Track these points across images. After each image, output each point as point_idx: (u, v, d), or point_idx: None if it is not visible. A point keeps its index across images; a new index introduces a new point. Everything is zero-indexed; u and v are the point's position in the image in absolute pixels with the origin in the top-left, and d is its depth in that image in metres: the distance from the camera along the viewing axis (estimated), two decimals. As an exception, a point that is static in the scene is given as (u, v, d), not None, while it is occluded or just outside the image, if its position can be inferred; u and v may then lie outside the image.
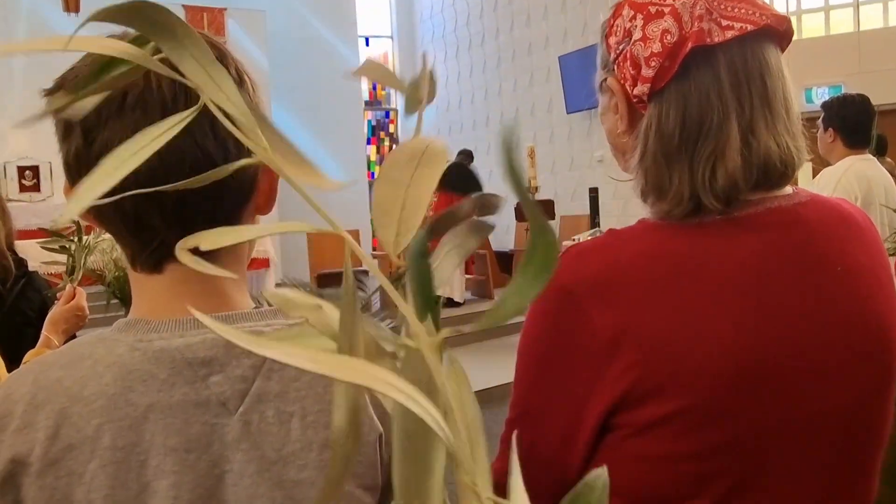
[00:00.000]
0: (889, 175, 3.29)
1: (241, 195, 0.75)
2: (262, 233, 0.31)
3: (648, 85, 0.80)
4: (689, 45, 0.77)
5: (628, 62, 0.82)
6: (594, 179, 9.47)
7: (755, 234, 0.79)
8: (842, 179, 3.06)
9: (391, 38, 13.41)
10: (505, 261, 10.43)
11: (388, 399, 0.25)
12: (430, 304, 0.31)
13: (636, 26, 0.81)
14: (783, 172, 0.81)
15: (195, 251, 0.80)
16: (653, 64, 0.79)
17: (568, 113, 9.97)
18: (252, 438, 0.71)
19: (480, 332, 7.62)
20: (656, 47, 0.79)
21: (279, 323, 0.77)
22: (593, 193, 9.24)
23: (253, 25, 9.98)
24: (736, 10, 0.79)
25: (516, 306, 0.29)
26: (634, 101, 0.83)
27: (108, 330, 0.75)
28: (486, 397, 5.86)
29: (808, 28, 8.84)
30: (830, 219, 0.84)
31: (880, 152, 5.15)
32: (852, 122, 3.19)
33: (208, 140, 0.69)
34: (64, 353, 0.74)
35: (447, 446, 0.25)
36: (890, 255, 2.78)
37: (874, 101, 3.31)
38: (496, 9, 11.53)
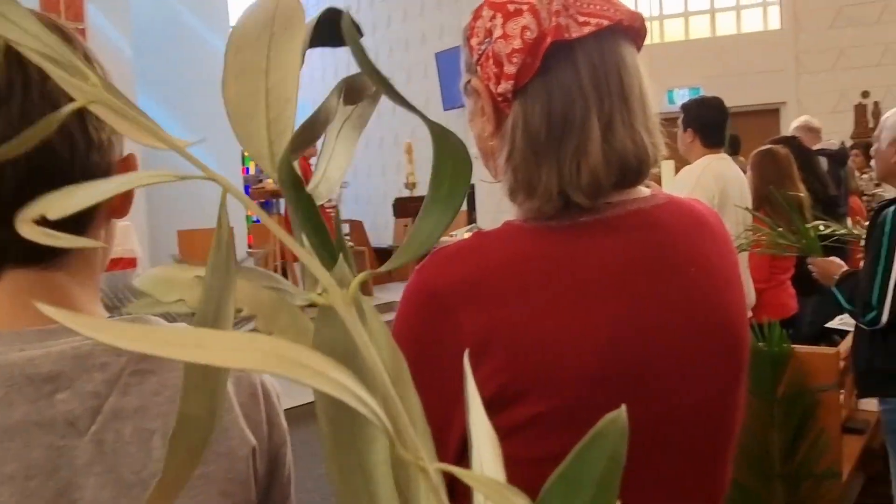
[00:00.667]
0: (742, 174, 3.51)
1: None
2: (123, 186, 0.25)
3: (512, 82, 0.80)
4: (549, 39, 0.78)
5: (490, 61, 0.82)
6: (473, 175, 9.58)
7: (617, 237, 0.81)
8: (700, 178, 3.23)
9: (265, 29, 13.08)
10: (384, 257, 10.41)
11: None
12: (327, 244, 0.26)
13: (496, 25, 0.81)
14: (638, 170, 0.82)
15: (36, 255, 0.73)
16: (514, 60, 0.79)
17: (445, 109, 10.06)
18: (106, 460, 0.65)
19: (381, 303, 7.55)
20: (517, 44, 0.79)
21: None
22: (470, 190, 9.38)
23: (115, 12, 9.45)
24: (591, 6, 0.80)
25: (432, 233, 0.25)
26: (499, 100, 0.82)
27: None
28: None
29: (670, 33, 9.31)
30: (686, 220, 0.86)
31: (735, 152, 5.50)
32: (709, 123, 3.37)
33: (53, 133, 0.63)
34: None
35: (382, 428, 0.21)
36: (742, 251, 2.98)
37: (729, 104, 3.51)
38: (373, 5, 11.47)
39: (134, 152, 0.75)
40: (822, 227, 2.82)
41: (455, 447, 0.78)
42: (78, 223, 0.69)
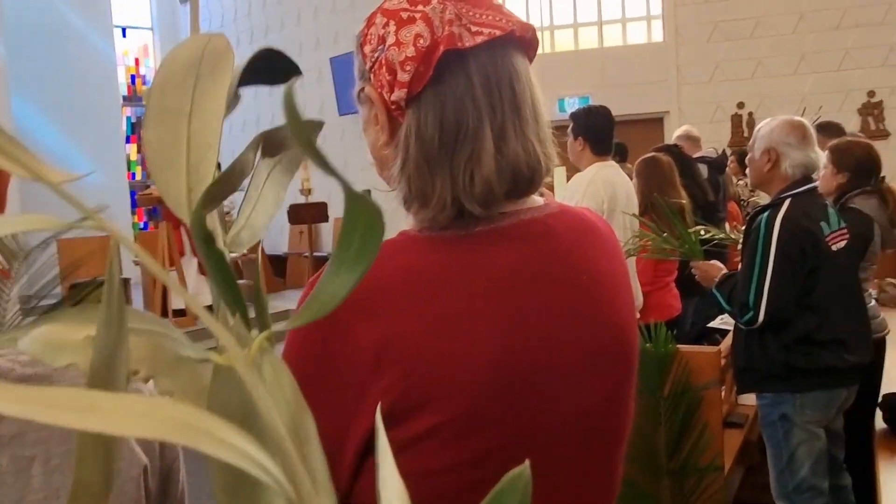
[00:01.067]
0: (629, 180, 3.65)
1: None
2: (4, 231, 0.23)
3: (405, 90, 0.80)
4: (442, 48, 0.78)
5: (384, 69, 0.81)
6: (368, 182, 9.46)
7: (510, 246, 0.82)
8: (590, 184, 3.33)
9: (151, 29, 12.60)
10: (278, 265, 10.21)
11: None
12: (238, 300, 0.25)
13: (389, 32, 0.81)
14: (531, 179, 0.83)
15: None
16: (408, 68, 0.79)
17: (340, 115, 9.97)
18: None
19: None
20: (410, 51, 0.79)
21: (11, 352, 0.66)
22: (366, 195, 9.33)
23: (-14, 7, 8.89)
24: (484, 16, 0.81)
25: (338, 292, 0.24)
26: (392, 108, 0.82)
27: None
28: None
29: (560, 43, 9.58)
30: (577, 229, 0.88)
31: (622, 159, 5.71)
32: (598, 132, 3.48)
33: None
34: None
35: (285, 496, 0.19)
36: (629, 256, 3.08)
37: (616, 112, 3.64)
38: (265, 7, 11.25)
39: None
40: (702, 233, 2.97)
41: (350, 462, 0.77)
42: None
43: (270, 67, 0.30)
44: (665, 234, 2.97)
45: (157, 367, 0.25)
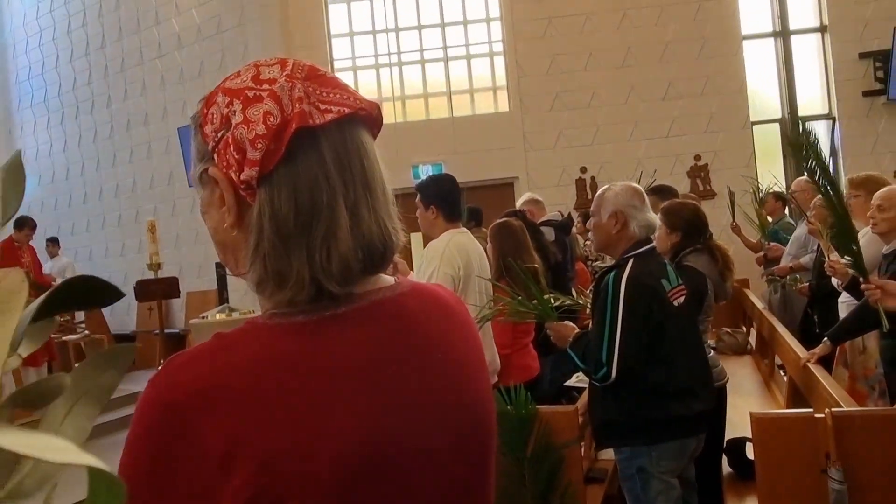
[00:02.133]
0: (481, 245, 3.73)
1: None
2: None
3: (257, 168, 0.77)
4: (294, 125, 0.77)
5: (231, 147, 0.79)
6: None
7: (362, 329, 0.80)
8: (445, 251, 3.38)
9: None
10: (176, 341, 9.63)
11: None
12: None
13: (234, 111, 0.79)
14: (383, 254, 0.83)
15: None
16: (259, 146, 0.77)
17: (190, 185, 9.68)
18: None
19: (106, 425, 6.84)
20: (260, 129, 0.77)
21: None
22: (221, 269, 9.02)
23: None
24: (332, 94, 0.81)
25: None
26: (242, 187, 0.79)
27: None
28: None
29: (411, 112, 9.82)
30: (430, 306, 0.89)
31: (478, 223, 5.86)
32: (447, 199, 3.55)
33: None
34: None
35: None
36: (486, 320, 3.12)
37: (468, 178, 3.76)
38: (107, 75, 10.85)
39: None
40: (552, 301, 3.06)
41: None
42: None
43: (91, 290, 0.28)
44: (520, 298, 3.05)
45: None
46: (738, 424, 3.68)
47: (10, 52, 12.02)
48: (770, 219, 6.93)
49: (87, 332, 8.63)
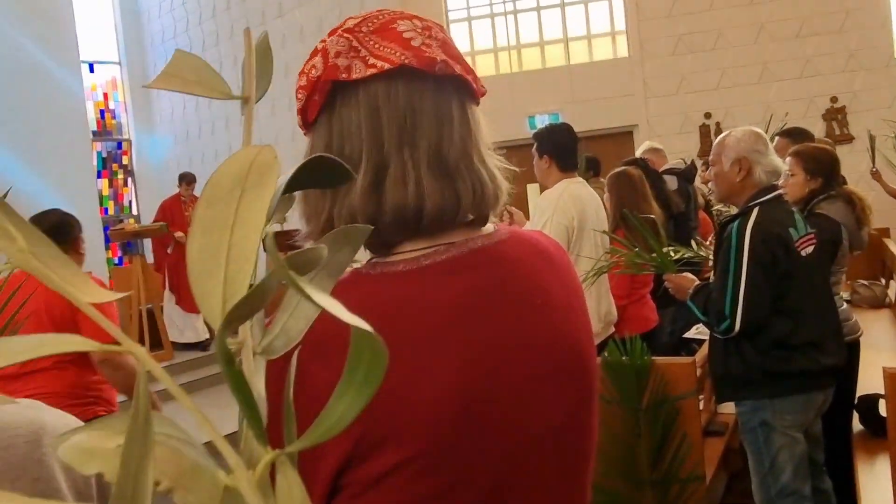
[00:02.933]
0: (597, 195, 3.67)
1: None
2: (37, 353, 0.23)
3: (300, 117, 0.86)
4: (323, 79, 0.82)
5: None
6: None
7: (462, 275, 0.82)
8: (559, 201, 3.35)
9: (119, 64, 12.56)
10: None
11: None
12: (256, 419, 0.26)
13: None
14: (417, 214, 0.81)
15: None
16: (300, 96, 0.85)
17: (306, 135, 9.97)
18: None
19: (197, 381, 7.29)
20: (303, 81, 0.84)
21: None
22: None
23: (-51, 48, 8.83)
24: (383, 49, 0.81)
25: (344, 416, 0.25)
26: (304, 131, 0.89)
27: None
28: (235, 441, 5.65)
29: (527, 61, 9.67)
30: (528, 252, 0.89)
31: (596, 173, 5.75)
32: (563, 148, 3.50)
33: None
34: None
35: None
36: (602, 273, 3.09)
37: (585, 127, 3.69)
38: (232, 37, 11.27)
39: None
40: (672, 253, 2.98)
41: (321, 495, 0.76)
42: None
43: (323, 169, 0.31)
44: (637, 249, 2.99)
45: (177, 477, 0.25)
46: (871, 380, 3.50)
47: (145, 18, 12.66)
48: (915, 163, 6.44)
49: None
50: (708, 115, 8.99)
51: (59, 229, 3.04)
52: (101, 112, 12.34)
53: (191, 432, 0.26)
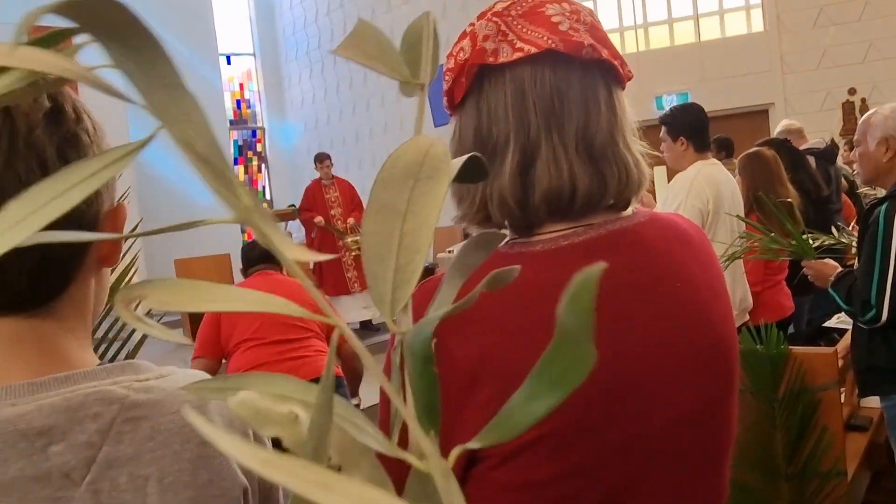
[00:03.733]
0: (733, 178, 3.52)
1: (78, 243, 0.67)
2: (231, 306, 0.24)
3: (447, 98, 0.88)
4: (470, 62, 0.83)
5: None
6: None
7: (601, 257, 0.81)
8: (693, 184, 3.24)
9: (253, 55, 13.14)
10: (426, 275, 10.37)
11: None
12: (435, 416, 0.26)
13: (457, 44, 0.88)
14: (571, 196, 0.82)
15: (22, 303, 0.73)
16: (447, 78, 0.86)
17: (435, 126, 10.09)
18: None
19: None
20: (451, 63, 0.86)
21: (127, 379, 0.70)
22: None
23: (104, 45, 9.49)
24: (532, 33, 0.82)
25: (533, 413, 0.24)
26: (451, 114, 0.90)
27: None
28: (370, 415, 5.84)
29: (655, 40, 9.37)
30: (668, 236, 0.88)
31: (729, 154, 5.52)
32: (697, 129, 3.39)
33: (34, 177, 0.63)
34: None
35: None
36: (735, 258, 2.97)
37: (716, 107, 3.55)
38: (447, 14, 11.55)
39: (124, 204, 0.75)
40: (811, 240, 2.83)
41: (458, 469, 0.79)
42: (64, 271, 0.69)
43: (471, 168, 0.33)
44: (773, 234, 2.86)
45: (345, 456, 0.26)
46: None
47: (277, 10, 13.17)
48: None
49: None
50: (852, 91, 8.41)
51: (271, 255, 3.38)
52: (238, 102, 12.97)
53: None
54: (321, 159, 8.11)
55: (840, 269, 2.71)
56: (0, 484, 0.62)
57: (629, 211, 0.88)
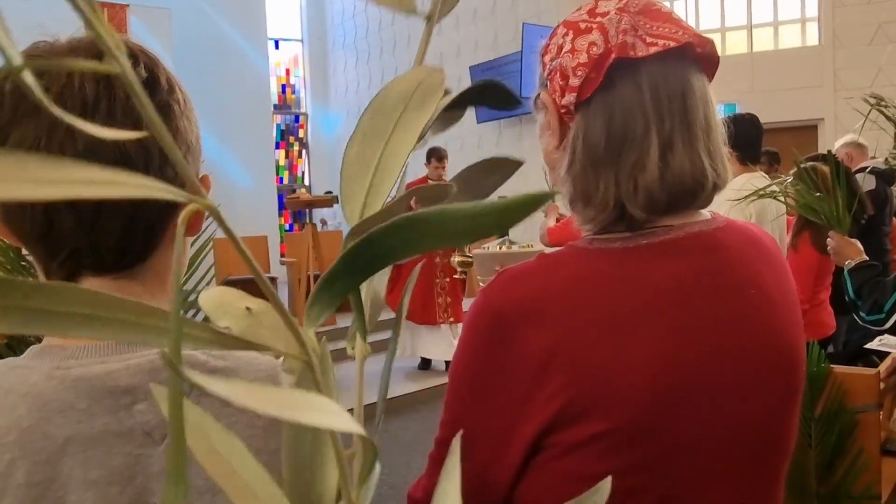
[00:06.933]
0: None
1: (166, 206, 0.70)
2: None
3: (575, 94, 0.83)
4: (613, 56, 0.81)
5: (558, 75, 0.85)
6: (503, 188, 9.57)
7: (677, 259, 0.81)
8: (738, 197, 3.20)
9: (301, 41, 13.25)
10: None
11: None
12: (360, 315, 0.29)
13: (566, 41, 0.85)
14: (693, 192, 0.83)
15: (111, 265, 0.76)
16: (579, 73, 0.82)
17: (478, 123, 10.09)
18: None
19: (377, 343, 7.55)
20: (583, 58, 0.82)
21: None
22: (502, 202, 9.36)
23: (157, 24, 9.66)
24: (660, 28, 0.82)
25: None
26: (563, 112, 0.85)
27: (19, 358, 0.70)
28: (392, 406, 5.86)
29: (706, 48, 9.26)
30: (744, 243, 0.87)
31: (771, 164, 5.43)
32: (745, 141, 3.33)
33: (130, 144, 0.66)
34: None
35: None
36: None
37: (765, 119, 3.48)
38: (407, 17, 11.53)
39: (208, 175, 0.77)
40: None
41: (515, 461, 0.79)
42: (150, 236, 0.72)
43: (496, 95, 0.33)
44: (820, 194, 2.83)
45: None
46: None
47: (328, -2, 13.27)
48: None
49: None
50: (906, 112, 8.24)
51: None
52: (283, 87, 13.09)
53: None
54: (439, 157, 6.50)
55: (863, 255, 2.67)
56: (87, 437, 0.65)
57: (707, 214, 0.88)
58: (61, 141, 0.65)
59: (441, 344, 6.49)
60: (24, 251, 0.73)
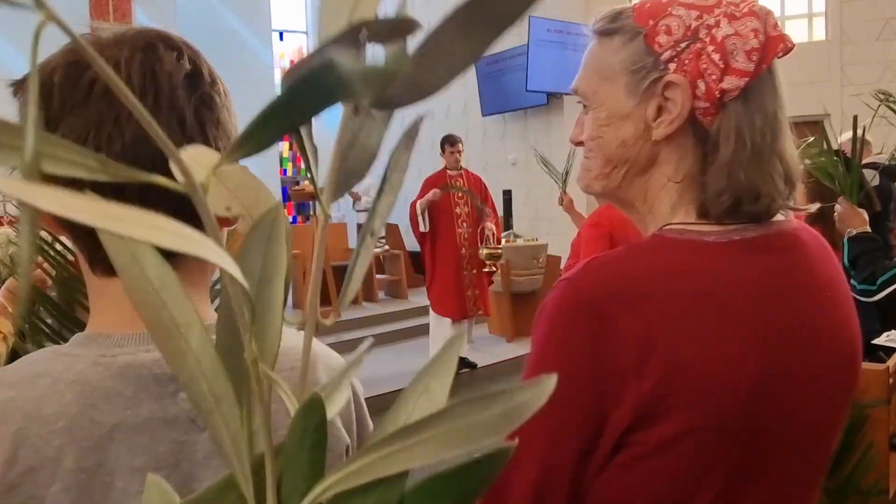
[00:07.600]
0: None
1: None
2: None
3: (746, 79, 0.80)
4: (781, 45, 0.81)
5: (708, 57, 0.80)
6: (508, 182, 9.59)
7: (767, 256, 0.81)
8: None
9: (306, 33, 13.22)
10: (419, 261, 10.43)
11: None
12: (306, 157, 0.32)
13: (710, 24, 0.81)
14: (794, 184, 0.86)
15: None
16: (753, 58, 0.80)
17: (483, 116, 10.07)
18: None
19: (395, 332, 7.60)
20: (754, 43, 0.80)
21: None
22: (507, 196, 9.37)
23: (161, 14, 9.64)
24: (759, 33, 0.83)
25: None
26: (718, 95, 0.80)
27: (64, 346, 0.71)
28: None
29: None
30: (817, 244, 0.88)
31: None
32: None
33: (174, 134, 0.67)
34: (13, 370, 0.68)
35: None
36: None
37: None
38: (414, 10, 11.54)
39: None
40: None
41: (604, 453, 0.77)
42: (195, 221, 0.72)
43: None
44: (835, 158, 2.88)
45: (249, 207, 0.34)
46: None
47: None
48: None
49: (386, 246, 9.51)
50: (912, 107, 8.22)
51: None
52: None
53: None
54: (452, 142, 6.20)
55: (867, 227, 2.69)
56: (133, 423, 0.66)
57: (782, 216, 0.88)
58: (109, 133, 0.66)
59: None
60: (64, 239, 0.73)
